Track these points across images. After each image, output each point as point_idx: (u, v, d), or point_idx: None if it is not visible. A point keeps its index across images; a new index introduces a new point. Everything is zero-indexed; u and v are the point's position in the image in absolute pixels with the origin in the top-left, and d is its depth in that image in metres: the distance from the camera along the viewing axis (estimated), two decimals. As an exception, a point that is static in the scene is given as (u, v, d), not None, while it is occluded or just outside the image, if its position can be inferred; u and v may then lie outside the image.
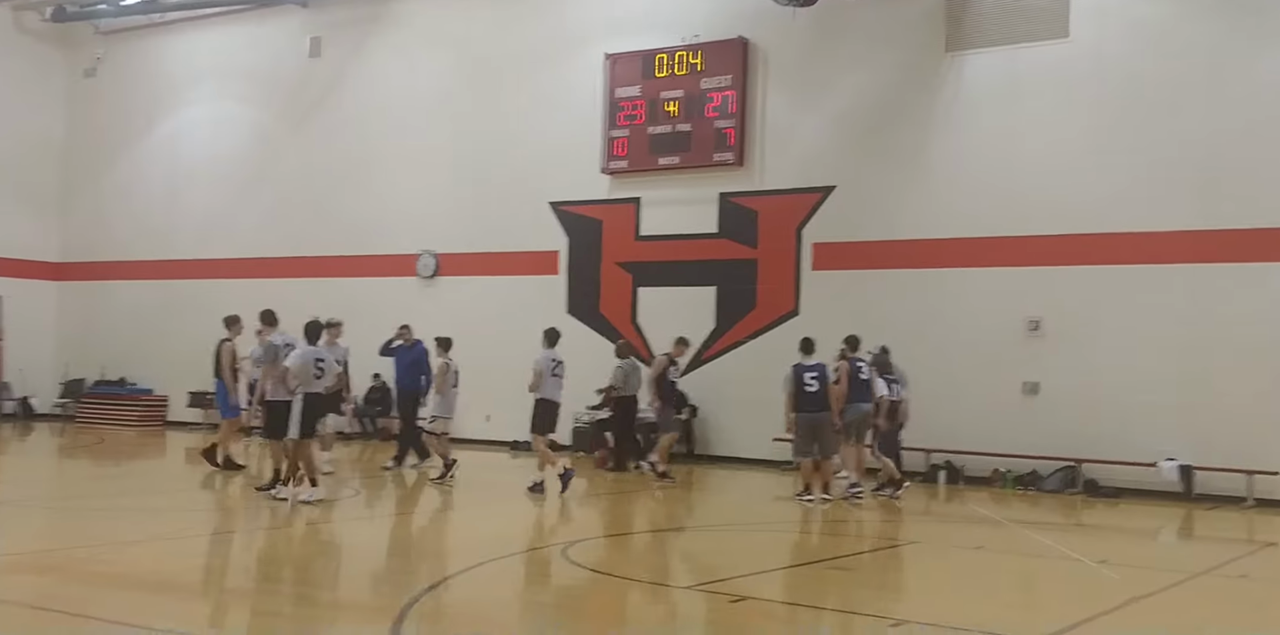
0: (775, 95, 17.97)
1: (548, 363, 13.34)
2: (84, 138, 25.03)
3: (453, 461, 13.98)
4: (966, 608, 7.67)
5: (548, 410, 13.40)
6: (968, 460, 15.87)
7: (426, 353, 15.39)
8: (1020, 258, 15.99)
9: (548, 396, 13.36)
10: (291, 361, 11.79)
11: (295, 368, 11.71)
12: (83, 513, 11.22)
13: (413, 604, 7.02)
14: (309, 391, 11.79)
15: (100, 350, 23.84)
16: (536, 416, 13.35)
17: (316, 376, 11.83)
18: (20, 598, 7.00)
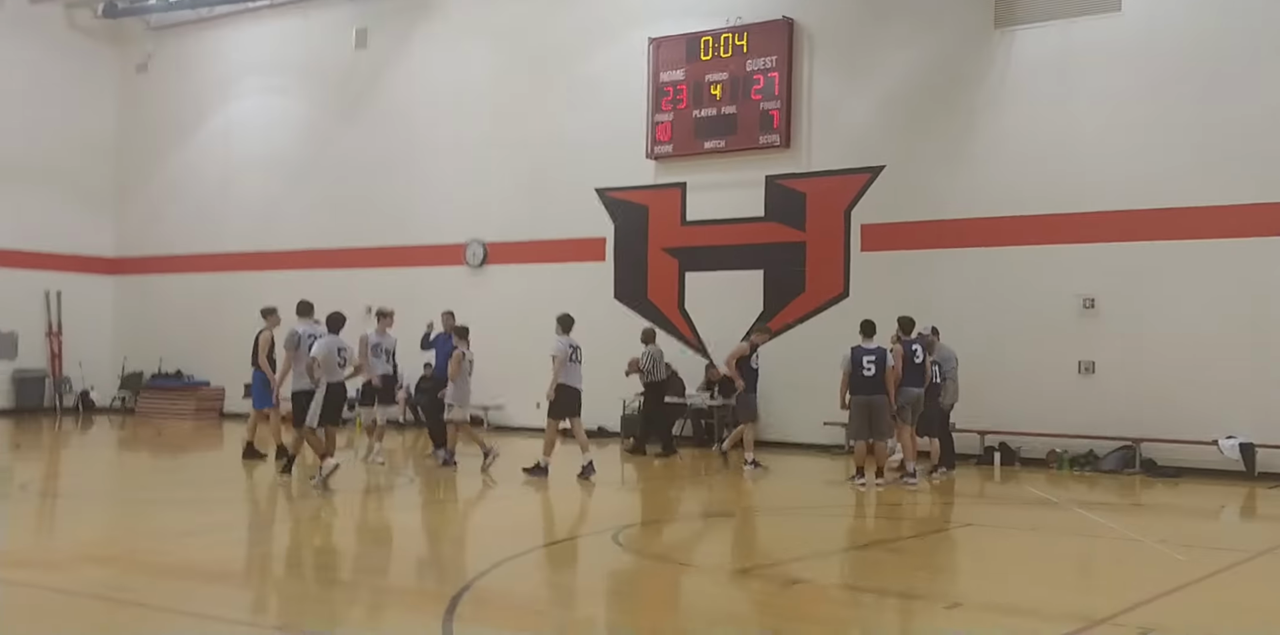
0: (821, 75, 17.81)
1: (566, 349, 13.41)
2: (137, 133, 25.38)
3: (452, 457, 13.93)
4: (1023, 589, 7.58)
5: (568, 396, 13.48)
6: (1023, 441, 15.69)
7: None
8: (1073, 235, 15.75)
9: (568, 382, 13.43)
10: (317, 351, 12.03)
11: (321, 357, 11.95)
12: (143, 504, 11.41)
13: (465, 590, 7.05)
14: (332, 380, 12.04)
15: (157, 343, 24.22)
16: (555, 402, 13.42)
17: (340, 365, 12.08)
18: (84, 588, 7.13)
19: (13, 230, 23.54)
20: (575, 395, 13.57)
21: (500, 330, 19.84)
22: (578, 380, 13.56)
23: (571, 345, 13.48)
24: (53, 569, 7.69)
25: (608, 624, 6.77)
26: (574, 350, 13.48)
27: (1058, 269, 15.80)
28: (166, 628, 6.30)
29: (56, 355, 24.27)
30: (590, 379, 19.03)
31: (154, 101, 25.14)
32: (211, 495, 11.72)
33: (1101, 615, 6.67)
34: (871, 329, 13.22)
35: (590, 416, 19.03)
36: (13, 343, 23.73)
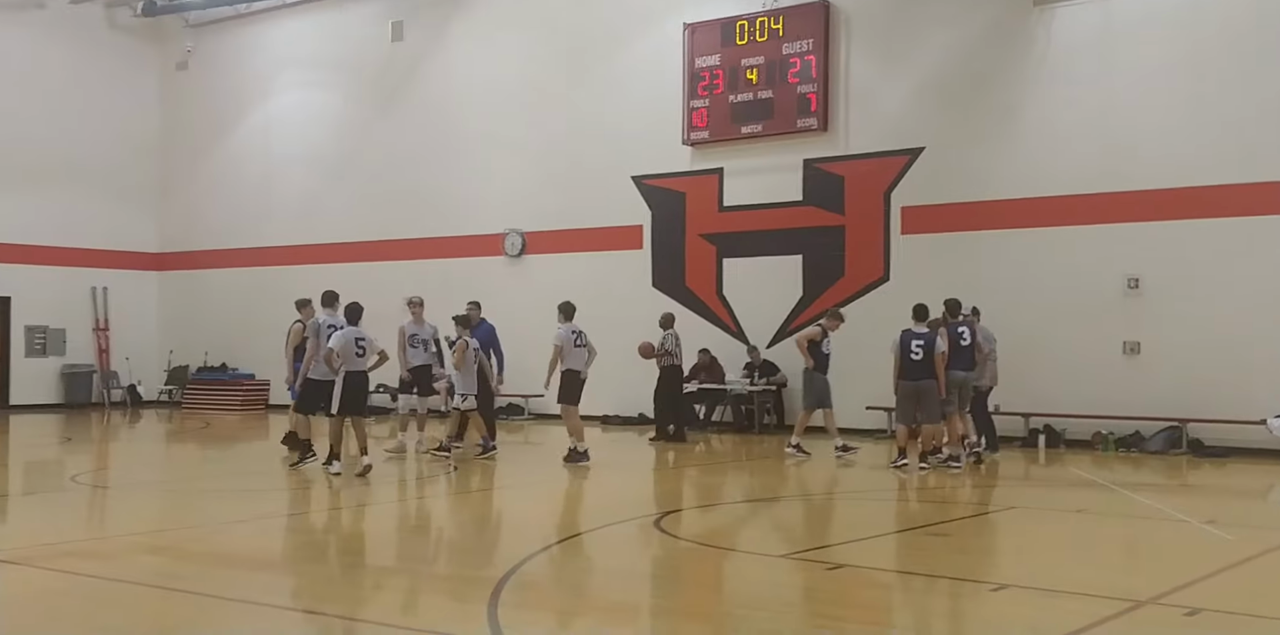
0: (858, 58, 17.69)
1: (569, 335, 13.51)
2: (178, 130, 25.66)
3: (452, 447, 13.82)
4: (1068, 570, 7.53)
5: (574, 381, 13.56)
6: (1068, 423, 15.57)
7: (494, 330, 15.21)
8: (1116, 214, 15.57)
9: (573, 367, 13.51)
10: (334, 341, 12.15)
11: (338, 347, 12.09)
12: (191, 494, 11.57)
13: (510, 575, 7.10)
14: (351, 370, 12.21)
15: (202, 337, 24.52)
16: (563, 387, 13.49)
17: (358, 355, 12.22)
18: (137, 577, 7.24)
19: (59, 228, 23.91)
20: (580, 380, 13.67)
21: (539, 319, 19.85)
22: (582, 365, 13.65)
23: (574, 331, 13.61)
24: (106, 558, 7.82)
25: (652, 608, 6.79)
26: (577, 335, 13.62)
27: (1101, 249, 15.63)
28: (217, 614, 6.39)
29: (104, 350, 24.64)
30: (629, 367, 19.13)
31: (194, 98, 25.39)
32: (258, 485, 11.87)
33: (1148, 596, 6.61)
34: (924, 313, 13.11)
35: (630, 404, 19.20)
36: (61, 339, 24.12)
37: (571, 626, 6.07)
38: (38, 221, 23.61)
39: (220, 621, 6.27)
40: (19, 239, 23.40)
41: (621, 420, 19.28)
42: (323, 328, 12.64)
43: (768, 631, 5.96)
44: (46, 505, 10.89)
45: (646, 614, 6.64)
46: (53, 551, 7.93)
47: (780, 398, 18.02)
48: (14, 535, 9.14)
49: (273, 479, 12.26)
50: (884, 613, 6.61)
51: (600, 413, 19.46)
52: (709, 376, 18.23)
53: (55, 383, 23.99)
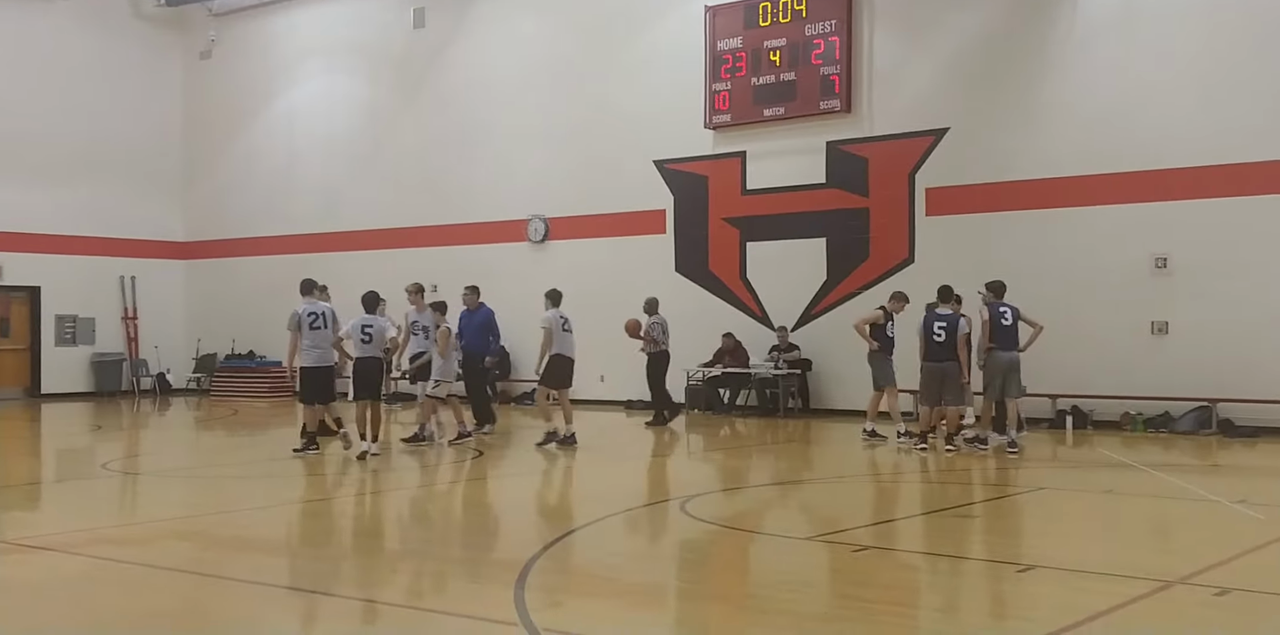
0: (882, 38, 17.57)
1: (557, 320, 13.57)
2: (202, 119, 25.77)
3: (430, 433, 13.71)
4: (1097, 551, 7.49)
5: (562, 365, 13.61)
6: (1095, 404, 15.47)
7: (493, 315, 15.12)
8: (1144, 193, 15.43)
9: (562, 352, 13.55)
10: (345, 329, 12.68)
11: (344, 334, 12.63)
12: (220, 481, 11.66)
13: (536, 559, 7.12)
14: (361, 356, 12.61)
15: (229, 325, 24.67)
16: (548, 371, 13.53)
17: (364, 342, 12.59)
18: (165, 562, 7.31)
19: (86, 218, 24.10)
20: (569, 365, 13.70)
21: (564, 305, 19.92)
22: (570, 350, 13.68)
23: (561, 316, 13.66)
24: (136, 544, 7.90)
25: (678, 590, 6.80)
26: (565, 321, 13.67)
27: (1128, 229, 15.50)
28: (246, 598, 6.45)
29: (133, 339, 24.85)
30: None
31: (218, 87, 25.49)
32: (285, 471, 11.94)
33: (1177, 576, 6.57)
34: (948, 294, 13.01)
35: (656, 388, 19.15)
36: (90, 328, 24.35)
37: (598, 609, 6.09)
38: (65, 212, 23.82)
39: (249, 606, 6.33)
40: (47, 229, 23.60)
41: (644, 405, 19.26)
42: (303, 316, 12.78)
43: (793, 613, 5.95)
44: (78, 492, 11.00)
45: (672, 596, 6.65)
46: (84, 538, 8.01)
47: (805, 381, 17.97)
48: (47, 522, 9.24)
49: (300, 465, 12.33)
50: (910, 594, 6.60)
51: (624, 397, 19.49)
52: (733, 360, 18.20)
53: (85, 371, 24.22)
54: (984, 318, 12.93)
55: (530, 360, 15.93)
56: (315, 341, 12.75)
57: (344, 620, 6.01)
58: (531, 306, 18.86)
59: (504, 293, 20.11)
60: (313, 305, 12.92)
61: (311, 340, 12.73)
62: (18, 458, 14.36)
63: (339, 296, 15.02)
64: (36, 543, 7.78)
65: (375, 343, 12.76)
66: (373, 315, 12.88)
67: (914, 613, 6.13)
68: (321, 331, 12.75)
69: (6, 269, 23.22)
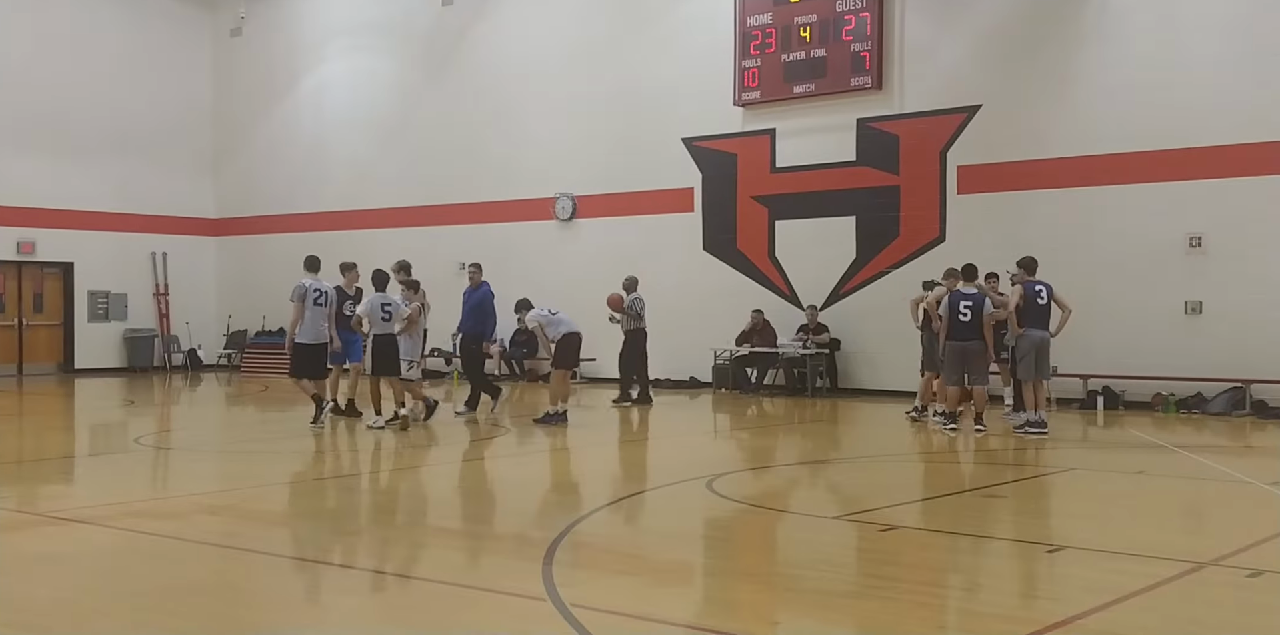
0: (914, 14, 17.39)
1: (541, 315, 13.61)
2: (232, 97, 25.86)
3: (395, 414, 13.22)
4: (1128, 532, 7.44)
5: (573, 343, 13.64)
6: (1127, 385, 15.35)
7: (492, 295, 14.94)
8: (1178, 171, 15.25)
9: (570, 330, 13.57)
10: (362, 307, 13.04)
11: (364, 312, 12.98)
12: (250, 456, 11.76)
13: (563, 536, 7.14)
14: (378, 333, 12.94)
15: (259, 302, 24.80)
16: (559, 353, 13.54)
17: (384, 319, 12.92)
18: (197, 535, 7.39)
19: (118, 195, 24.28)
20: (578, 340, 13.73)
21: (591, 284, 19.89)
22: (574, 326, 13.70)
23: (545, 312, 13.65)
24: (168, 518, 7.98)
25: (705, 568, 6.81)
26: (548, 311, 13.67)
27: (1162, 207, 15.33)
28: (276, 572, 6.50)
29: (164, 315, 25.05)
30: (682, 330, 19.11)
31: (248, 65, 25.55)
32: (314, 446, 12.03)
33: (1209, 558, 6.52)
34: (972, 273, 12.94)
35: (682, 367, 19.21)
36: (123, 304, 24.57)
37: (625, 585, 6.10)
38: (97, 189, 24.00)
39: (279, 579, 6.38)
40: (80, 206, 23.80)
41: (673, 383, 19.30)
42: (309, 292, 12.95)
43: (821, 591, 5.95)
44: (111, 466, 11.12)
45: (700, 573, 6.66)
46: (117, 511, 8.10)
47: (834, 361, 17.91)
48: (80, 495, 9.35)
49: (328, 441, 12.41)
50: (938, 573, 6.57)
51: (652, 376, 19.45)
52: (761, 339, 18.16)
53: (118, 347, 24.46)
54: (1020, 296, 12.72)
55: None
56: (314, 318, 12.94)
57: (372, 594, 6.05)
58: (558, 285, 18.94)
59: (531, 271, 20.18)
60: (316, 282, 13.11)
61: (311, 316, 12.92)
62: (52, 432, 14.53)
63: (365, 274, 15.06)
64: (70, 515, 7.87)
65: (394, 319, 13.01)
66: (384, 293, 13.12)
67: (942, 592, 6.12)
68: (321, 309, 12.99)
69: (40, 245, 23.44)
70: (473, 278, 14.97)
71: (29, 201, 23.14)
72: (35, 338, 23.83)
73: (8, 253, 23.09)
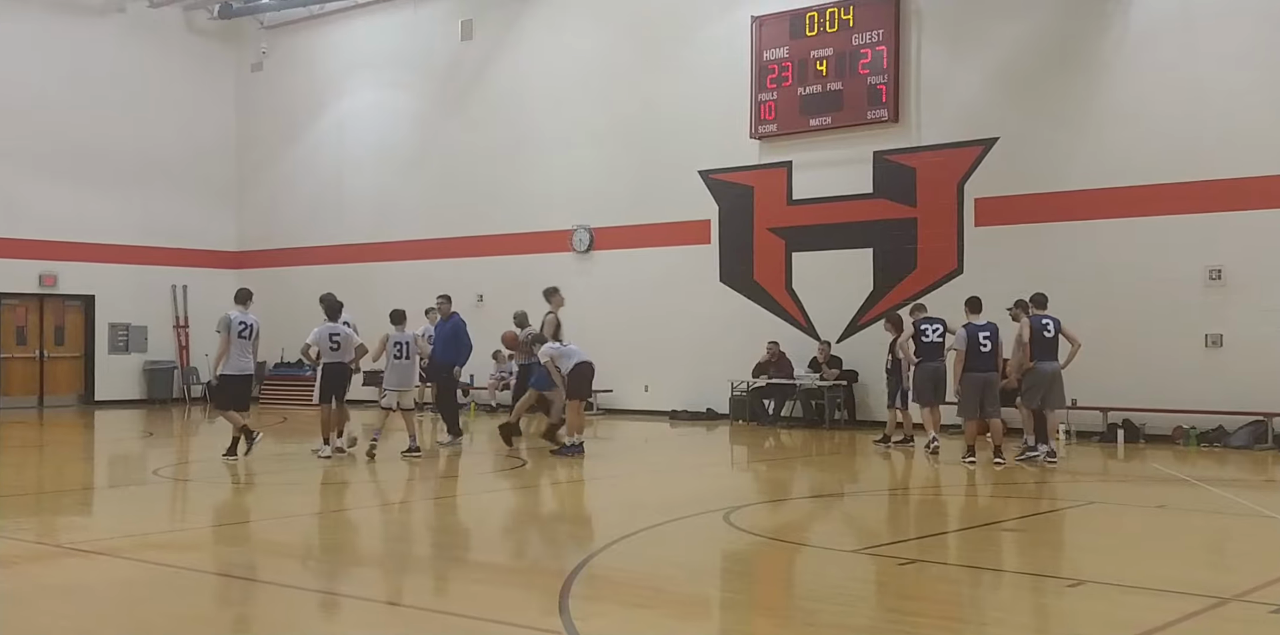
0: (930, 47, 17.47)
1: (554, 346, 13.61)
2: (254, 130, 26.12)
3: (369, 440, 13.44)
4: (1149, 566, 7.36)
5: (585, 374, 13.61)
6: (1148, 418, 15.24)
7: (464, 325, 15.09)
8: (1198, 204, 15.22)
9: (580, 360, 13.55)
10: (312, 336, 13.41)
11: (314, 341, 13.31)
12: (269, 488, 11.78)
13: (580, 568, 7.12)
14: (328, 361, 13.22)
15: (279, 334, 24.81)
16: (573, 383, 13.52)
17: (333, 349, 13.27)
18: (215, 567, 7.40)
19: (140, 227, 24.51)
20: (591, 371, 13.70)
21: (608, 315, 20.01)
22: (586, 356, 13.70)
23: (554, 344, 13.65)
24: (186, 549, 7.99)
25: (723, 601, 6.77)
26: (559, 345, 13.67)
27: (1182, 240, 15.28)
28: (295, 604, 6.49)
29: (184, 347, 25.19)
30: (699, 362, 19.13)
31: (269, 99, 25.83)
32: (332, 479, 12.04)
33: (1232, 593, 6.45)
34: (978, 305, 13.01)
35: (699, 399, 19.18)
36: (143, 336, 24.72)
37: (643, 619, 6.07)
38: (119, 222, 24.23)
39: (296, 611, 6.37)
40: (102, 239, 24.01)
41: (690, 415, 19.26)
42: (233, 324, 13.12)
43: (840, 626, 5.90)
44: (130, 498, 11.15)
45: (718, 607, 6.62)
46: (136, 543, 8.11)
47: (851, 393, 17.85)
48: (99, 527, 9.37)
49: (346, 472, 12.42)
50: (958, 608, 6.52)
51: (669, 407, 19.47)
52: (778, 371, 18.13)
53: (138, 378, 24.58)
54: (1025, 332, 12.84)
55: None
56: (241, 350, 13.15)
57: (388, 627, 6.04)
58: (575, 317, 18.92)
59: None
60: (243, 314, 13.30)
61: (238, 348, 13.13)
62: (72, 463, 14.58)
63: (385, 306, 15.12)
64: (89, 547, 7.89)
65: (343, 350, 13.25)
66: (334, 323, 13.32)
67: (961, 627, 6.06)
68: (246, 341, 13.19)
69: (62, 278, 23.64)
70: (442, 309, 15.14)
71: (52, 234, 23.37)
72: (56, 370, 23.98)
73: (30, 285, 23.29)
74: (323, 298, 13.75)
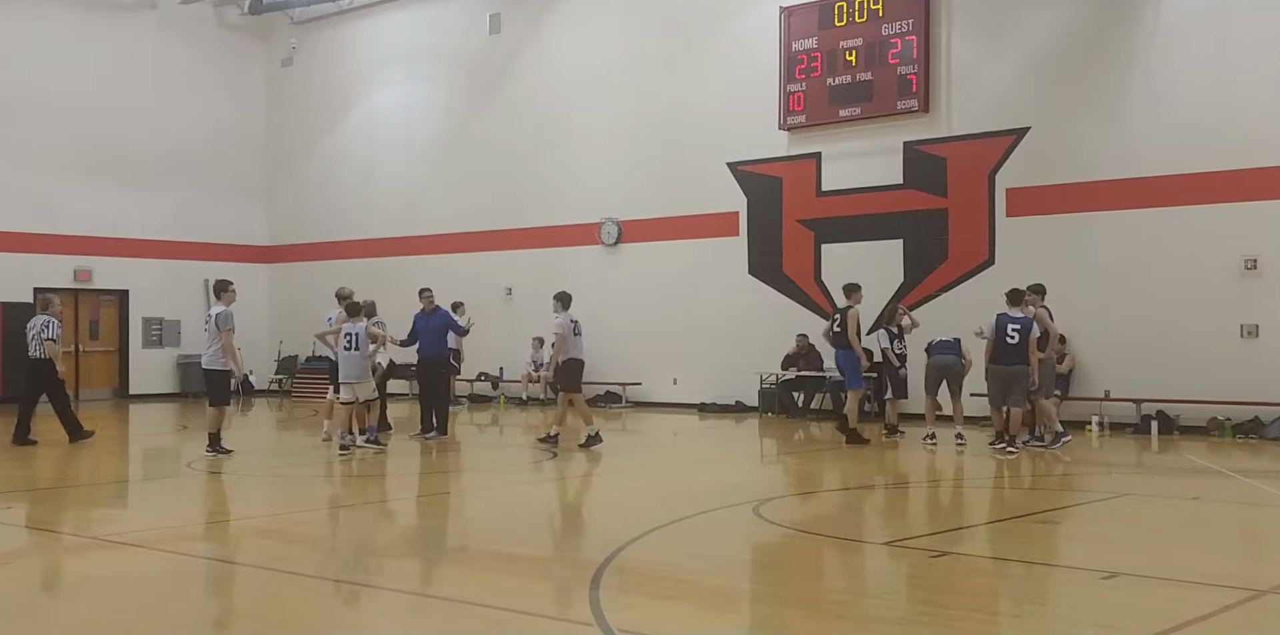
0: (960, 37, 17.34)
1: (568, 324, 13.54)
2: (284, 125, 26.26)
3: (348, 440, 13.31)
4: (1184, 558, 7.30)
5: (577, 369, 13.66)
6: (1182, 409, 15.10)
7: (449, 316, 15.15)
8: (1233, 193, 15.04)
9: (575, 356, 13.58)
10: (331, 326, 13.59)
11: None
12: (300, 480, 11.86)
13: (610, 561, 7.12)
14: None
15: (310, 328, 24.90)
16: (566, 376, 13.55)
17: (345, 348, 13.20)
18: (247, 559, 7.46)
19: (173, 223, 24.71)
20: (581, 367, 13.79)
21: (636, 308, 20.02)
22: (582, 352, 13.76)
23: (573, 320, 13.63)
24: (219, 541, 8.06)
25: (753, 593, 6.76)
26: (575, 324, 13.65)
27: (1217, 229, 15.11)
28: (326, 595, 6.54)
29: (217, 341, 25.30)
30: (728, 355, 19.11)
31: (299, 94, 25.96)
32: (363, 471, 12.10)
33: (1269, 585, 6.38)
34: (1018, 297, 12.91)
35: (728, 391, 19.16)
36: (176, 330, 24.92)
37: (673, 611, 6.07)
38: (152, 217, 24.44)
39: (327, 602, 6.41)
40: (135, 234, 24.24)
41: (719, 408, 19.24)
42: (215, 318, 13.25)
43: (871, 618, 5.88)
44: (164, 490, 11.26)
45: (748, 599, 6.61)
46: (170, 534, 8.19)
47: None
48: (133, 519, 9.47)
49: (377, 466, 12.49)
50: (991, 600, 6.48)
51: (697, 400, 19.46)
52: (807, 364, 18.08)
53: (171, 372, 24.80)
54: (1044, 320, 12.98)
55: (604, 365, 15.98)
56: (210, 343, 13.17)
57: (420, 618, 6.07)
58: (603, 310, 18.98)
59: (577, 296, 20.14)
60: (217, 307, 13.38)
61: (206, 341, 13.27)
62: (108, 457, 14.72)
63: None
64: (124, 539, 7.98)
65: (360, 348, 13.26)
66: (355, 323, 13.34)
67: (994, 619, 6.03)
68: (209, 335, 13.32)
69: (96, 273, 23.87)
70: (428, 302, 14.87)
71: (86, 230, 23.60)
72: (91, 364, 24.22)
73: (65, 280, 23.52)
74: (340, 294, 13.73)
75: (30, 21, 23.09)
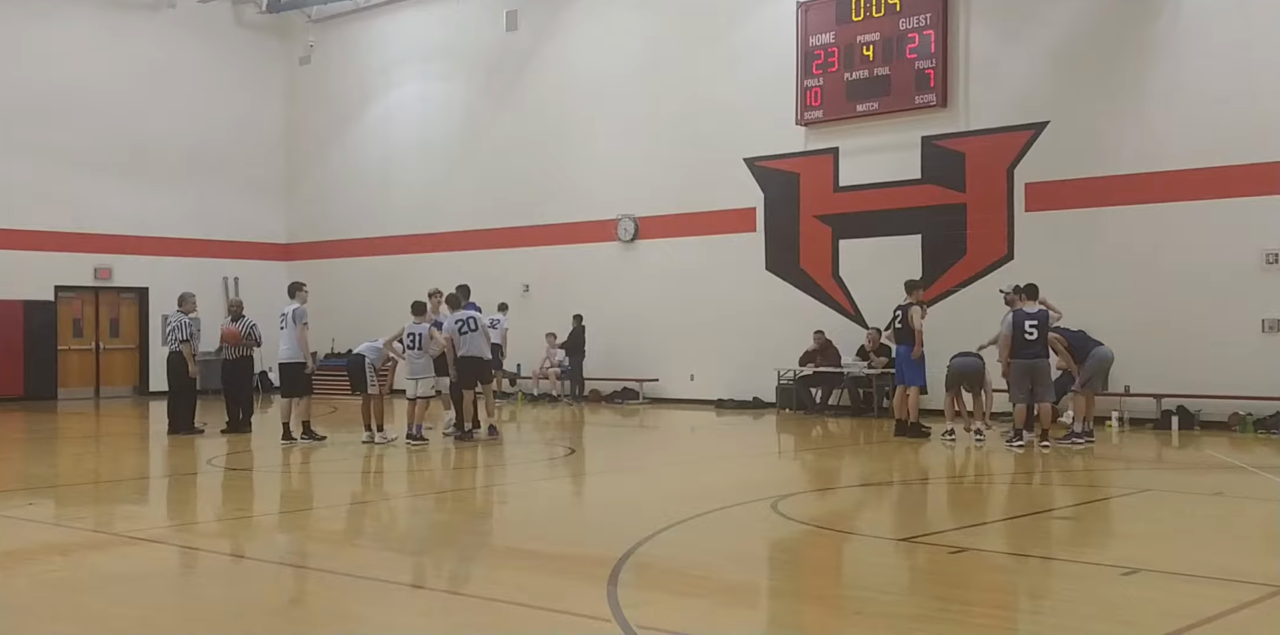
0: (979, 31, 17.26)
1: (452, 326, 13.70)
2: (302, 123, 26.36)
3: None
4: (1206, 555, 7.25)
5: (471, 366, 13.76)
6: (1203, 404, 15.01)
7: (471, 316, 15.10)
8: (1255, 187, 14.93)
9: (469, 353, 13.68)
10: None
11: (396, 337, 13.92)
12: (320, 476, 11.90)
13: (628, 557, 7.13)
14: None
15: (329, 325, 25.09)
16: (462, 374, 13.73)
17: (409, 347, 13.62)
18: (268, 555, 7.48)
19: (193, 220, 24.84)
20: (477, 364, 13.74)
21: (653, 305, 20.03)
22: (478, 350, 13.74)
23: (458, 320, 13.63)
24: (239, 537, 8.09)
25: (771, 590, 6.75)
26: (461, 323, 13.64)
27: (1237, 223, 15.01)
28: (346, 591, 6.56)
29: (236, 338, 25.42)
30: (745, 351, 19.07)
31: (317, 91, 26.05)
32: (381, 467, 12.14)
33: (1293, 581, 6.34)
34: (1034, 292, 12.89)
35: (746, 387, 19.13)
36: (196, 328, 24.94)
37: (691, 607, 6.07)
38: (172, 215, 24.58)
39: (348, 598, 6.43)
40: (155, 232, 24.37)
41: (736, 404, 19.22)
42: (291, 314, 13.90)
43: (890, 615, 5.87)
44: (185, 487, 11.31)
45: (766, 596, 6.60)
46: (190, 531, 8.24)
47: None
48: (154, 515, 9.52)
49: (395, 461, 12.52)
50: (1010, 596, 6.46)
51: (715, 396, 19.45)
52: (824, 360, 18.04)
53: (192, 370, 24.86)
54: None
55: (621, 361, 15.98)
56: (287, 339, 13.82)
57: (438, 614, 6.08)
58: (620, 306, 19.00)
59: (594, 293, 20.30)
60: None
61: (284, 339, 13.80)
62: (128, 454, 14.82)
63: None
64: (145, 536, 8.02)
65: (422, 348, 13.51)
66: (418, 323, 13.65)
67: (1013, 616, 6.01)
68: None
69: (116, 271, 24.00)
70: (436, 306, 14.85)
71: (106, 228, 23.73)
72: (111, 361, 24.36)
73: (86, 278, 23.67)
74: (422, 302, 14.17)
75: (49, 22, 23.22)
